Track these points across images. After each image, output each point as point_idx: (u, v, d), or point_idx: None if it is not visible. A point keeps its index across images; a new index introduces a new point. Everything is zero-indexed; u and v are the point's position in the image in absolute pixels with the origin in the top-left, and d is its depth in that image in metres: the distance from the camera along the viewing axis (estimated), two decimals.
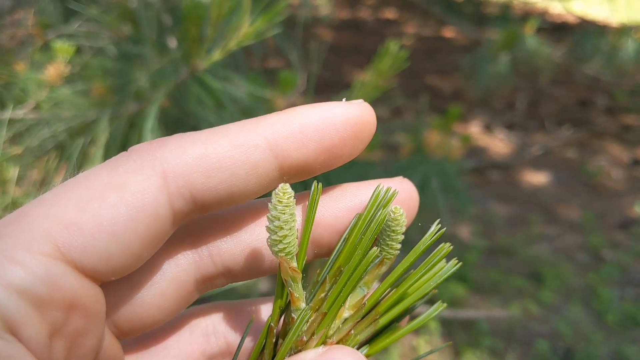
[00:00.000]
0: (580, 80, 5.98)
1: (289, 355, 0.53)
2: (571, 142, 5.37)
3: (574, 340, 3.39)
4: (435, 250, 0.55)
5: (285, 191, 0.50)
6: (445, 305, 0.57)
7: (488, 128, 5.44)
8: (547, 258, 4.03)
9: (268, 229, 0.51)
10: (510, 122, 5.54)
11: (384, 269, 0.55)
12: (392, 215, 0.53)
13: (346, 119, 0.51)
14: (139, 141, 1.76)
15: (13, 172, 1.90)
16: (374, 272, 0.55)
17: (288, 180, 0.52)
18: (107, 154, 1.82)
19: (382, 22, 7.17)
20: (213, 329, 0.62)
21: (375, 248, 0.54)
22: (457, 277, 3.64)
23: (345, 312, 0.55)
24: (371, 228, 0.54)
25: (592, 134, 5.51)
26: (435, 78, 5.98)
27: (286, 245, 0.51)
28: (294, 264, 0.53)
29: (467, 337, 3.34)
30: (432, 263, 0.55)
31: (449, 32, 7.01)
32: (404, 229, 0.54)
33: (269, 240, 0.51)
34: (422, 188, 2.95)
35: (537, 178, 4.93)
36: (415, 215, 0.59)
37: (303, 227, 0.55)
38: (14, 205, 1.90)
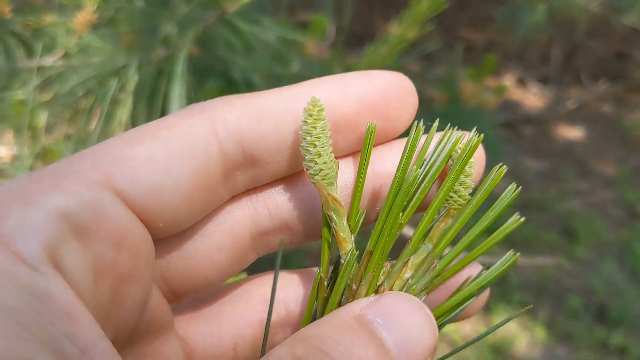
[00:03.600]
0: (617, 32, 5.79)
1: (340, 306, 0.49)
2: (607, 96, 5.23)
3: (607, 297, 3.35)
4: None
5: (315, 104, 0.48)
6: (518, 255, 0.51)
7: (521, 82, 5.33)
8: (580, 213, 3.96)
9: (301, 148, 0.49)
10: (544, 76, 5.41)
11: (450, 221, 0.51)
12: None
13: (384, 79, 0.53)
14: (168, 88, 1.74)
15: (43, 119, 1.90)
16: (439, 226, 0.51)
17: (340, 145, 0.53)
18: (137, 100, 1.80)
19: None
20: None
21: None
22: (489, 232, 3.58)
23: (407, 272, 0.50)
24: (435, 172, 0.51)
25: (629, 88, 5.36)
26: (467, 31, 5.84)
27: (322, 167, 0.48)
28: (335, 193, 0.49)
29: (498, 292, 3.31)
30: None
31: None
32: (474, 176, 0.52)
33: (304, 163, 0.49)
34: None
35: (571, 133, 4.83)
36: (484, 168, 0.57)
37: (357, 171, 0.51)
38: (45, 152, 1.90)
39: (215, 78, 1.90)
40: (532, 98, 5.18)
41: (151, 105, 1.87)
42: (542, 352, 3.05)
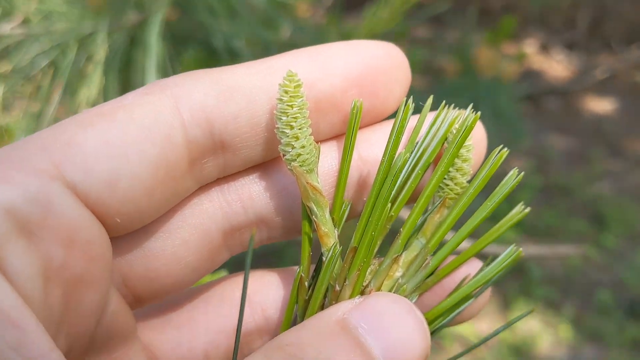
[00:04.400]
0: None
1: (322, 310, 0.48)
2: None
3: None
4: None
5: (291, 79, 0.46)
6: (521, 250, 0.50)
7: (544, 48, 5.32)
8: (610, 198, 3.97)
9: (277, 130, 0.47)
10: (570, 42, 5.40)
11: (445, 212, 0.50)
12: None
13: (371, 50, 0.51)
14: (143, 57, 1.74)
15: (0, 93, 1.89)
16: (433, 218, 0.50)
17: (322, 127, 0.52)
18: (107, 72, 1.79)
19: None
20: (247, 300, 0.57)
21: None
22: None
23: (397, 271, 0.49)
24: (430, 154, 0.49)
25: None
26: None
27: (300, 152, 0.47)
28: (315, 181, 0.48)
29: (518, 286, 3.32)
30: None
31: None
32: (472, 161, 0.50)
33: (280, 148, 0.48)
34: None
35: (600, 106, 4.83)
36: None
37: (341, 157, 0.50)
38: (2, 132, 1.89)
39: (195, 46, 1.89)
40: (557, 67, 5.17)
41: (125, 78, 1.86)
42: (568, 353, 3.06)
